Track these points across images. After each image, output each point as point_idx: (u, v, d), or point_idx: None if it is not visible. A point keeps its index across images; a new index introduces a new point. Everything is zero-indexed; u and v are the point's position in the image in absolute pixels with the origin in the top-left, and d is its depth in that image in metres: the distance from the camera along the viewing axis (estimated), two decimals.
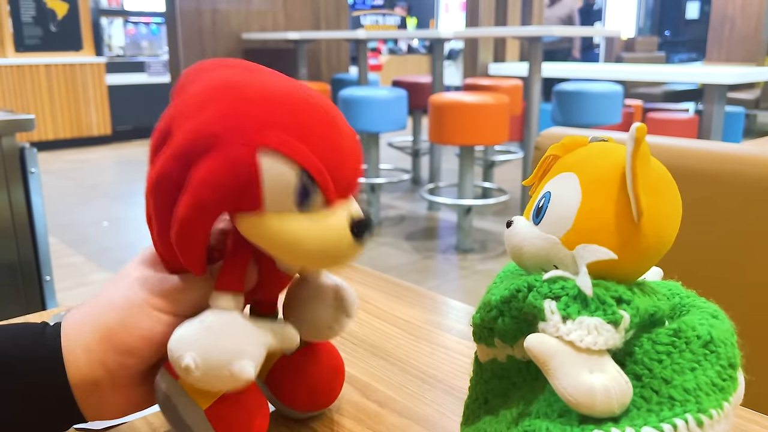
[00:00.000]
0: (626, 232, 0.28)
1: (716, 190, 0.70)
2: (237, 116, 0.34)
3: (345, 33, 4.00)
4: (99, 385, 0.36)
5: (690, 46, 9.11)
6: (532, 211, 0.31)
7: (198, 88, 0.36)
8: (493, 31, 3.87)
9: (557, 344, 0.27)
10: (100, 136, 6.13)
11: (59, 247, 3.14)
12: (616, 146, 0.31)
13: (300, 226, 0.34)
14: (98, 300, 0.38)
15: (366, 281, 0.70)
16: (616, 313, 0.28)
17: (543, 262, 0.30)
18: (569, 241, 0.29)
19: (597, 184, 0.29)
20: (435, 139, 3.07)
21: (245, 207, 0.34)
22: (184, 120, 0.34)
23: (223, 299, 0.36)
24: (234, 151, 0.33)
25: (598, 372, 0.27)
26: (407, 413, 0.46)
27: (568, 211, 0.29)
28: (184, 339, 0.35)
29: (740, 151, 0.71)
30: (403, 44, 9.89)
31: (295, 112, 0.34)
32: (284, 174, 0.33)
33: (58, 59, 5.80)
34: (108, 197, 4.22)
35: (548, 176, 0.32)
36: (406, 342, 0.57)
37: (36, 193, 1.40)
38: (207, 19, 4.15)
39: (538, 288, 0.29)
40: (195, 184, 0.33)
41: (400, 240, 3.32)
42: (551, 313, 0.28)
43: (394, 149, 4.94)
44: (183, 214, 0.34)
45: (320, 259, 0.35)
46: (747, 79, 3.32)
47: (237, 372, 0.34)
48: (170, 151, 0.34)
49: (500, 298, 0.31)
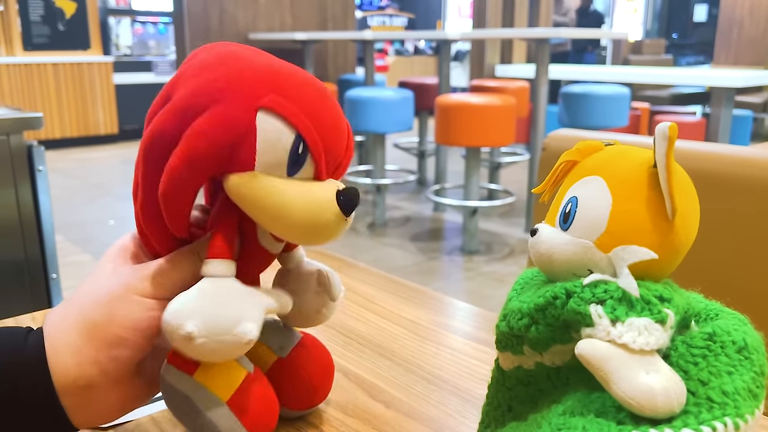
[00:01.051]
0: (661, 230, 0.29)
1: (725, 193, 0.70)
2: (240, 77, 0.34)
3: (352, 33, 4.00)
4: (90, 386, 0.35)
5: (698, 49, 9.07)
6: (559, 217, 0.31)
7: (204, 56, 0.36)
8: (500, 33, 3.87)
9: (610, 348, 0.27)
10: (107, 135, 6.16)
11: (65, 246, 3.15)
12: (633, 147, 0.31)
13: (288, 190, 0.34)
14: (78, 298, 0.37)
15: (372, 282, 0.70)
16: (662, 312, 0.28)
17: (576, 268, 0.30)
18: (603, 244, 0.29)
19: (626, 185, 0.29)
20: (441, 140, 3.07)
21: (236, 165, 0.34)
22: (186, 81, 0.35)
23: (216, 266, 0.36)
24: (234, 107, 0.34)
25: (654, 372, 0.26)
26: (414, 414, 0.46)
27: (600, 214, 0.29)
28: (181, 309, 0.34)
29: (750, 154, 0.70)
30: (410, 45, 9.89)
31: (294, 84, 0.35)
32: (280, 135, 0.34)
33: (65, 58, 5.82)
34: (114, 196, 4.23)
35: (567, 182, 0.32)
36: (412, 343, 0.56)
37: (43, 191, 1.41)
38: (214, 19, 4.16)
39: (579, 294, 0.28)
40: (190, 134, 0.33)
41: (406, 241, 3.32)
42: (599, 317, 0.27)
43: (400, 150, 4.94)
44: (174, 164, 0.34)
45: (304, 228, 0.35)
46: (755, 82, 3.31)
47: (240, 334, 0.34)
48: (170, 107, 0.34)
49: (534, 306, 0.30)
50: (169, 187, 0.34)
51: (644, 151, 0.31)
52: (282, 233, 0.36)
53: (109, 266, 0.38)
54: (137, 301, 0.36)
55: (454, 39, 3.60)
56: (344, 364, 0.52)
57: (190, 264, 0.37)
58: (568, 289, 0.29)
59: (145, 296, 0.36)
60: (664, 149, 0.28)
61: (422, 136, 4.49)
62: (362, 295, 0.66)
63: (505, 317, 0.32)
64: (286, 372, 0.43)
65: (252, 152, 0.34)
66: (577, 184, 0.31)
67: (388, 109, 3.29)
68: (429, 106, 4.18)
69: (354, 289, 0.67)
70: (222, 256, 0.36)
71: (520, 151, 4.47)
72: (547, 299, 0.29)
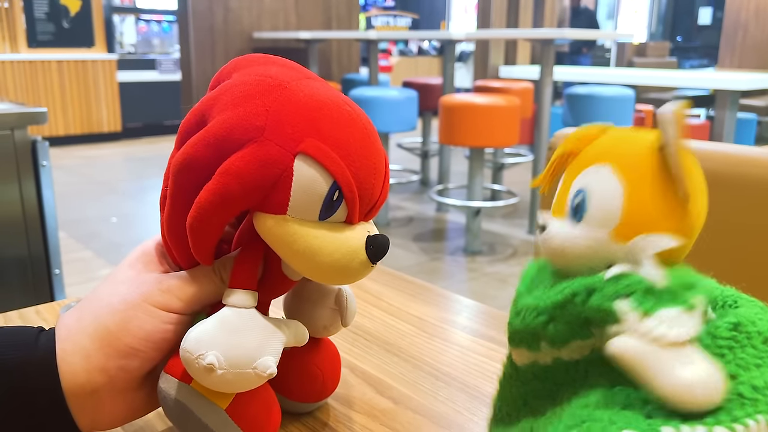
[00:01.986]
0: (676, 215, 0.28)
1: (731, 193, 0.69)
2: (281, 115, 0.33)
3: (356, 33, 4.00)
4: (97, 392, 0.35)
5: (702, 52, 9.06)
6: (568, 209, 0.30)
7: (245, 80, 0.35)
8: (505, 33, 3.86)
9: (642, 345, 0.25)
10: (111, 133, 6.16)
11: (68, 242, 3.15)
12: (636, 131, 0.30)
13: (318, 236, 0.34)
14: (93, 303, 0.36)
15: (379, 279, 0.69)
16: (690, 300, 0.26)
17: (592, 261, 0.29)
18: (620, 235, 0.28)
19: (636, 171, 0.28)
20: (445, 140, 3.06)
21: (269, 207, 0.34)
22: (225, 108, 0.34)
23: (240, 297, 0.35)
24: (272, 149, 0.33)
25: (690, 364, 0.25)
26: (422, 410, 0.45)
27: (613, 203, 0.28)
28: (202, 338, 0.34)
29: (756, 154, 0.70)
30: (414, 46, 9.89)
31: (337, 124, 0.34)
32: (316, 182, 0.33)
33: (70, 55, 5.83)
34: (117, 194, 4.23)
35: (571, 172, 0.31)
36: (419, 339, 0.56)
37: (47, 186, 1.41)
38: (219, 18, 4.16)
39: (601, 289, 0.27)
40: (225, 172, 0.33)
41: (409, 241, 3.31)
42: (626, 313, 0.26)
43: (403, 150, 4.93)
44: (205, 199, 0.33)
45: (330, 273, 0.35)
46: (759, 85, 3.29)
47: (261, 369, 0.34)
48: (205, 135, 0.33)
49: (552, 303, 0.29)
50: (197, 222, 0.34)
51: (646, 133, 0.30)
52: (308, 275, 0.36)
53: (128, 272, 0.38)
54: (153, 312, 0.35)
55: (458, 39, 3.59)
56: (351, 360, 0.52)
57: (210, 283, 0.37)
58: (588, 285, 0.27)
59: (162, 308, 0.36)
60: (674, 133, 0.27)
61: (426, 136, 4.48)
62: (369, 292, 0.66)
63: (519, 313, 0.31)
64: (294, 365, 0.43)
65: (286, 197, 0.33)
66: (583, 174, 0.30)
67: (392, 109, 3.29)
68: (433, 107, 4.17)
69: (360, 286, 0.67)
70: (245, 286, 0.36)
71: (523, 152, 4.46)
72: (566, 296, 0.28)
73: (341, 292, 0.42)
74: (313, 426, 0.43)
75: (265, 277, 0.38)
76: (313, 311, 0.42)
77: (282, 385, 0.43)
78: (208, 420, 0.36)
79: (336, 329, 0.43)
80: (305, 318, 0.42)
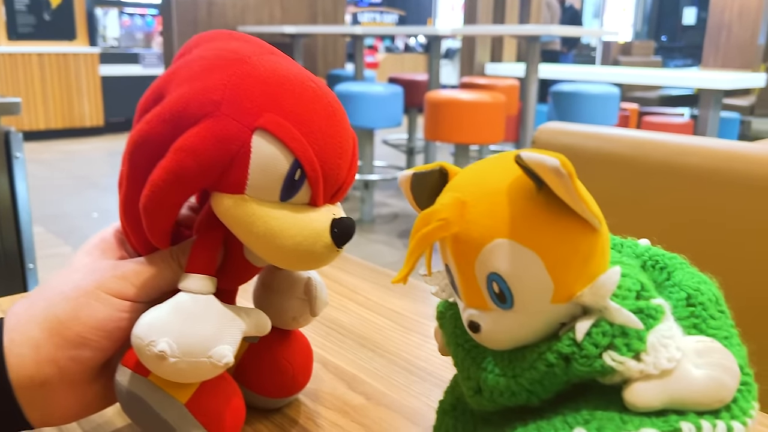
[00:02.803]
0: (597, 245, 0.26)
1: (714, 188, 0.69)
2: (240, 89, 0.31)
3: (342, 28, 3.98)
4: (48, 385, 0.33)
5: (686, 51, 9.12)
6: (488, 299, 0.26)
7: (204, 54, 0.33)
8: (491, 29, 3.85)
9: (658, 384, 0.24)
10: (93, 128, 6.08)
11: (47, 238, 3.10)
12: (500, 176, 0.27)
13: (279, 218, 0.32)
14: (45, 291, 0.34)
15: (356, 272, 0.68)
16: (656, 307, 0.25)
17: (547, 332, 0.27)
18: (561, 297, 0.25)
19: (538, 232, 0.25)
20: (430, 136, 3.05)
21: (226, 186, 0.32)
22: (182, 83, 0.32)
23: (196, 281, 0.33)
24: (229, 124, 0.31)
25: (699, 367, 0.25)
26: (394, 406, 0.43)
27: (538, 275, 0.25)
28: (155, 323, 0.32)
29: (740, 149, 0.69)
30: (400, 43, 9.88)
31: (300, 100, 0.32)
32: (275, 160, 0.31)
33: (51, 48, 5.75)
34: (98, 189, 4.18)
35: (460, 257, 0.27)
36: (396, 333, 0.54)
37: (20, 179, 1.37)
38: (202, 11, 4.12)
39: (579, 354, 0.25)
40: (179, 149, 0.31)
41: (393, 238, 3.30)
42: (621, 363, 0.25)
43: (389, 147, 4.92)
44: (158, 177, 0.31)
45: (293, 257, 0.33)
46: (742, 85, 3.32)
47: (217, 358, 0.32)
48: (161, 111, 0.32)
49: (528, 381, 0.26)
50: (150, 202, 0.32)
51: (507, 177, 0.26)
52: (269, 259, 0.34)
53: (85, 259, 0.36)
54: (105, 300, 0.33)
55: (444, 35, 3.58)
56: (324, 355, 0.50)
57: (168, 269, 0.35)
58: (561, 352, 0.25)
59: (116, 296, 0.34)
60: (571, 185, 0.24)
61: (411, 132, 4.47)
62: (345, 285, 0.64)
63: (480, 392, 0.28)
64: (263, 358, 0.41)
65: (244, 175, 0.31)
66: (482, 258, 0.26)
67: (377, 104, 3.27)
68: (418, 103, 4.16)
69: (336, 279, 0.65)
70: (203, 271, 0.34)
71: (508, 150, 4.46)
72: (542, 371, 0.26)
73: (310, 281, 0.41)
74: (281, 423, 0.41)
75: (227, 263, 0.36)
76: (282, 302, 0.40)
77: (249, 379, 0.41)
78: (166, 415, 0.34)
79: (306, 320, 0.41)
80: (274, 309, 0.40)
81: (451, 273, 0.28)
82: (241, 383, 0.40)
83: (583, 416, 0.25)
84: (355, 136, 0.36)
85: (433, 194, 0.30)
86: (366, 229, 3.43)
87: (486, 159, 0.29)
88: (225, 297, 0.38)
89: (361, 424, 0.41)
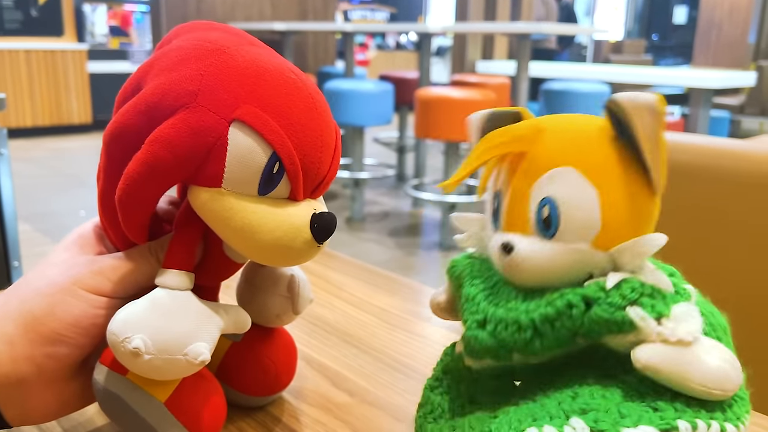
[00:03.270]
0: (649, 209, 0.26)
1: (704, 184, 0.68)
2: (217, 80, 0.30)
3: (332, 25, 3.96)
4: (24, 383, 0.32)
5: (677, 50, 9.16)
6: (533, 223, 0.26)
7: (182, 44, 0.32)
8: (482, 27, 3.85)
9: (670, 350, 0.24)
10: (81, 125, 6.04)
11: (34, 236, 3.07)
12: (577, 119, 0.28)
13: (257, 212, 0.31)
14: (21, 287, 0.34)
15: (342, 269, 0.67)
16: (686, 290, 0.26)
17: (573, 276, 0.26)
18: (602, 243, 0.26)
19: (604, 170, 0.26)
20: (421, 133, 3.05)
21: (203, 179, 0.31)
22: (159, 73, 0.31)
23: (173, 277, 0.33)
24: (205, 115, 0.30)
25: (712, 350, 0.25)
26: (378, 403, 0.43)
27: (590, 211, 0.25)
28: (130, 320, 0.31)
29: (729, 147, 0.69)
30: (392, 40, 9.86)
31: (279, 91, 0.31)
32: (253, 152, 0.30)
33: (38, 45, 5.69)
34: (86, 187, 4.14)
35: (521, 178, 0.27)
36: (381, 331, 0.53)
37: (5, 175, 1.35)
38: (192, 8, 4.09)
39: (605, 300, 0.25)
40: (154, 140, 0.30)
41: (384, 236, 3.29)
42: (642, 320, 0.24)
43: (379, 145, 4.91)
44: (133, 170, 0.30)
45: (271, 252, 0.32)
46: (732, 83, 3.33)
47: (192, 355, 0.31)
48: (137, 102, 0.31)
49: (540, 317, 0.26)
50: (125, 195, 0.31)
51: (591, 120, 0.27)
52: (248, 254, 0.33)
53: (62, 255, 0.35)
54: (82, 296, 0.33)
55: (435, 32, 3.57)
56: (308, 352, 0.49)
57: (146, 264, 0.34)
58: (586, 295, 0.25)
59: (92, 292, 0.33)
60: (655, 124, 0.24)
61: (402, 130, 4.46)
62: (331, 282, 0.63)
63: (487, 327, 0.27)
64: (246, 357, 0.40)
65: (220, 168, 0.30)
66: (543, 181, 0.26)
67: (367, 102, 3.26)
68: (409, 101, 4.15)
69: (322, 276, 0.64)
70: (180, 266, 0.33)
71: None
72: (560, 309, 0.25)
73: (294, 278, 0.40)
74: (263, 420, 0.41)
75: (206, 259, 0.35)
76: (265, 299, 0.40)
77: (232, 378, 0.40)
78: (145, 414, 0.33)
79: (289, 318, 0.41)
80: (257, 306, 0.40)
81: (498, 199, 0.28)
82: (224, 381, 0.40)
83: (580, 405, 0.25)
84: (338, 129, 0.35)
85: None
86: (356, 228, 3.42)
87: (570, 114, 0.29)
88: (207, 293, 0.38)
89: (345, 421, 0.40)
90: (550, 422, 0.24)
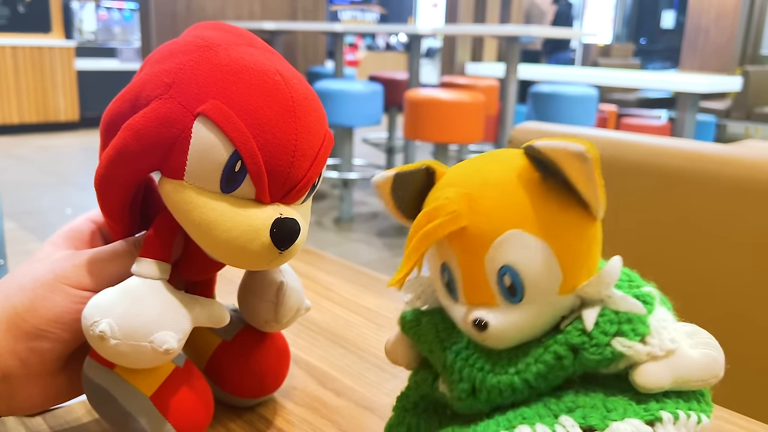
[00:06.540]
0: (596, 233, 0.26)
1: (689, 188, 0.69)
2: (193, 74, 0.31)
3: (322, 25, 3.96)
4: (10, 377, 0.32)
5: (665, 55, 9.23)
6: (500, 294, 0.26)
7: (179, 39, 0.34)
8: (471, 29, 3.86)
9: (662, 365, 0.25)
10: (68, 122, 5.99)
11: (20, 234, 3.05)
12: (502, 166, 0.26)
13: (216, 209, 0.31)
14: (6, 283, 0.34)
15: (330, 269, 0.67)
16: (649, 294, 0.26)
17: (548, 325, 0.26)
18: (567, 287, 0.26)
19: (549, 222, 0.25)
20: (409, 134, 3.05)
21: (167, 170, 0.32)
22: (150, 65, 0.33)
23: (147, 266, 0.33)
24: (173, 107, 0.31)
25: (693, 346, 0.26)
26: (365, 403, 0.43)
27: (550, 266, 0.25)
28: (100, 305, 0.31)
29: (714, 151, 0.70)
30: (382, 41, 9.87)
31: (253, 90, 0.31)
32: (214, 148, 0.30)
33: (25, 41, 5.64)
34: (73, 185, 4.11)
35: (470, 251, 0.26)
36: (369, 331, 0.54)
37: None
38: (181, 6, 4.07)
39: (589, 343, 0.25)
40: (126, 128, 0.31)
41: (372, 237, 3.29)
42: (629, 348, 0.25)
43: (368, 145, 4.91)
44: (106, 155, 0.32)
45: (227, 251, 0.32)
46: (719, 88, 3.36)
47: (158, 343, 0.31)
48: (126, 91, 0.33)
49: (534, 376, 0.26)
50: (99, 178, 0.32)
51: (509, 165, 0.26)
52: (207, 251, 0.33)
53: (48, 249, 0.35)
54: (64, 291, 0.33)
55: (424, 34, 3.58)
56: (295, 352, 0.49)
57: (129, 257, 0.34)
58: (570, 343, 0.25)
59: (74, 286, 0.33)
60: (589, 169, 0.24)
61: (391, 131, 4.47)
62: (319, 283, 0.63)
63: (475, 394, 0.27)
64: (235, 357, 0.40)
65: (183, 160, 0.31)
66: (494, 251, 0.25)
67: (356, 103, 3.26)
68: (399, 102, 4.16)
69: (311, 276, 0.64)
70: (155, 256, 0.33)
71: (488, 150, 4.47)
72: (549, 364, 0.25)
73: (282, 286, 0.39)
74: (250, 419, 0.41)
75: (187, 253, 0.36)
76: (255, 303, 0.40)
77: (220, 377, 0.40)
78: (130, 407, 0.33)
79: (278, 327, 0.40)
80: (249, 309, 0.40)
81: (448, 272, 0.27)
82: (212, 380, 0.40)
83: (566, 404, 0.25)
84: (329, 135, 0.34)
85: (419, 196, 0.29)
86: (345, 228, 3.42)
87: (475, 157, 0.28)
88: (200, 289, 0.38)
89: (332, 420, 0.41)
90: (541, 421, 0.25)
